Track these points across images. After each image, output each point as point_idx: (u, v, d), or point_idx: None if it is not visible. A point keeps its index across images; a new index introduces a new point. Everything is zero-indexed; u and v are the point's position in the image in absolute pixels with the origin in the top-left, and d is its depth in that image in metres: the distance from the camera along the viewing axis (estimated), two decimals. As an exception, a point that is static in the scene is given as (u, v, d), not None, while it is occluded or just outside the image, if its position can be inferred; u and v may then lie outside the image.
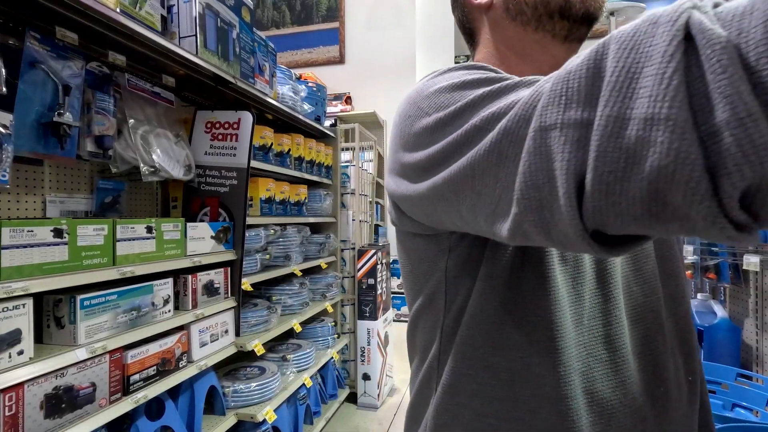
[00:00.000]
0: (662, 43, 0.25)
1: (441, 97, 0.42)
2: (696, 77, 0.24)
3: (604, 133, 0.27)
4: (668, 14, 0.26)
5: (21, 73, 1.18)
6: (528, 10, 0.55)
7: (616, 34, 0.29)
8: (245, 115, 1.88)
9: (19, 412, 1.01)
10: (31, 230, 1.04)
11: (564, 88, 0.29)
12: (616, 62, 0.27)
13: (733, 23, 0.23)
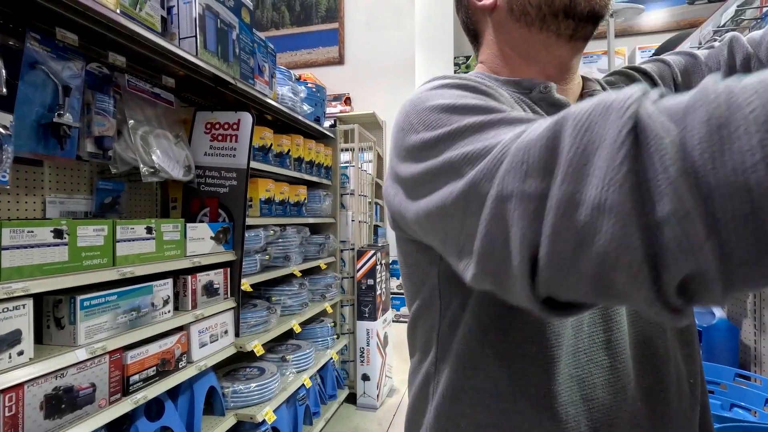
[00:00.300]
0: (614, 129, 0.26)
1: (431, 116, 0.43)
2: (643, 167, 0.25)
3: (557, 212, 0.28)
4: (620, 101, 0.27)
5: (21, 74, 1.18)
6: (532, 11, 0.55)
7: (573, 111, 0.30)
8: (245, 115, 1.89)
9: (19, 412, 1.02)
10: (31, 231, 1.05)
11: (525, 156, 0.31)
12: (572, 140, 0.28)
13: (679, 118, 0.25)
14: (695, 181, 0.23)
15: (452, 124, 0.40)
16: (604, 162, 0.26)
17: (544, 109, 0.55)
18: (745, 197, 0.22)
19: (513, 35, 0.58)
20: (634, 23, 4.24)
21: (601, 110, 0.28)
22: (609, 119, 0.27)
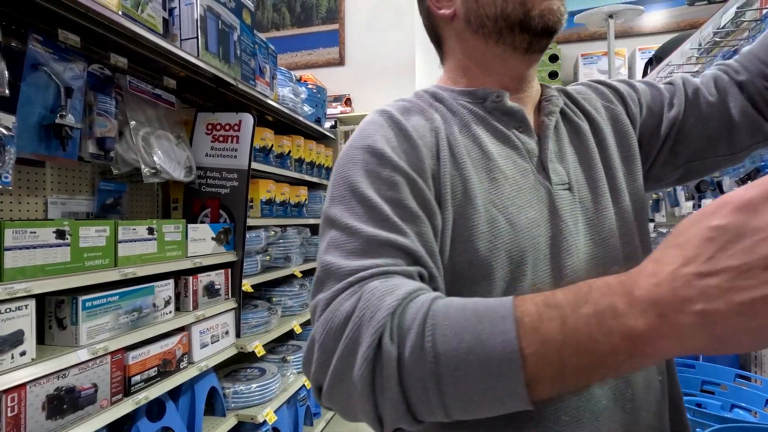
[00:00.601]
0: (367, 340, 0.38)
1: (337, 187, 0.50)
2: (378, 372, 0.37)
3: (332, 377, 0.41)
4: (378, 319, 0.38)
5: (24, 76, 1.19)
6: (489, 23, 0.57)
7: (362, 305, 0.41)
8: (246, 116, 1.89)
9: (22, 412, 1.02)
10: (33, 231, 1.05)
11: (329, 323, 0.41)
12: (348, 332, 0.40)
13: (402, 341, 0.37)
14: (401, 388, 0.37)
15: (340, 218, 0.48)
16: (359, 359, 0.38)
17: (497, 117, 0.58)
18: (434, 400, 0.36)
19: (471, 46, 0.60)
20: (634, 24, 4.25)
21: (369, 318, 0.39)
22: (367, 329, 0.38)
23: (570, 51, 4.45)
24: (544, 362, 0.33)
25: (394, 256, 0.44)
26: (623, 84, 0.67)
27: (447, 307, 0.38)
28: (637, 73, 3.90)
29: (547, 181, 0.55)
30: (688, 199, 1.26)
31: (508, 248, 0.50)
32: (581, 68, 4.20)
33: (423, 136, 0.53)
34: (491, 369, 0.33)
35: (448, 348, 0.35)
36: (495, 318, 0.35)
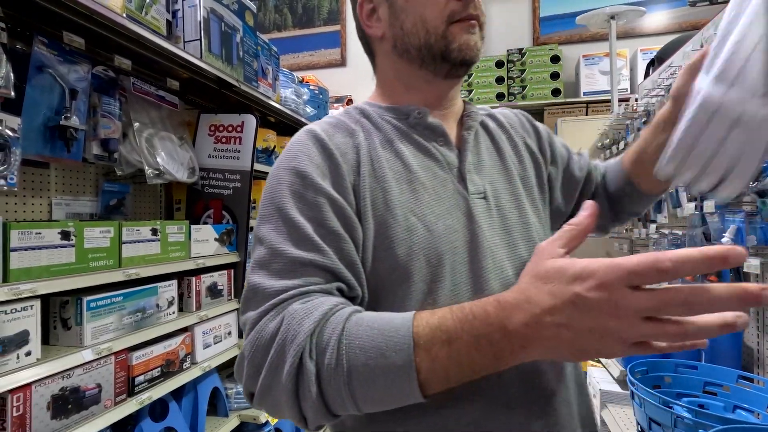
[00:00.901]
0: (290, 359, 0.44)
1: (266, 207, 0.55)
2: (300, 385, 0.45)
3: (261, 387, 0.48)
4: (297, 344, 0.45)
5: (29, 77, 1.20)
6: (413, 51, 0.62)
7: (284, 328, 0.47)
8: (248, 118, 1.90)
9: (27, 412, 1.02)
10: (39, 232, 1.06)
11: (257, 342, 0.48)
12: (274, 349, 0.47)
13: (320, 358, 0.45)
14: (321, 396, 0.44)
15: (266, 236, 0.53)
16: (284, 375, 0.44)
17: (420, 132, 0.63)
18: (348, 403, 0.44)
19: (397, 66, 0.65)
20: (635, 25, 4.25)
21: (291, 339, 0.45)
22: (290, 350, 0.45)
23: (571, 52, 4.45)
24: (434, 373, 0.42)
25: (315, 275, 0.50)
26: (544, 128, 0.77)
27: (358, 326, 0.45)
28: (639, 74, 3.90)
29: (464, 191, 0.60)
30: (691, 200, 1.27)
31: (426, 253, 0.55)
32: (582, 69, 4.20)
33: (345, 153, 0.58)
34: (393, 379, 0.42)
35: (359, 363, 0.43)
36: (397, 338, 0.43)
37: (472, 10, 0.60)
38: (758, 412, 0.95)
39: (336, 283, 0.51)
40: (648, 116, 1.60)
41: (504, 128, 0.72)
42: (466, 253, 0.57)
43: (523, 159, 0.70)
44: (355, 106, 0.67)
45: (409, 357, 0.42)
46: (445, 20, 0.59)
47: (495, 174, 0.65)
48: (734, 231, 1.03)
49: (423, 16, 0.60)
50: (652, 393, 0.92)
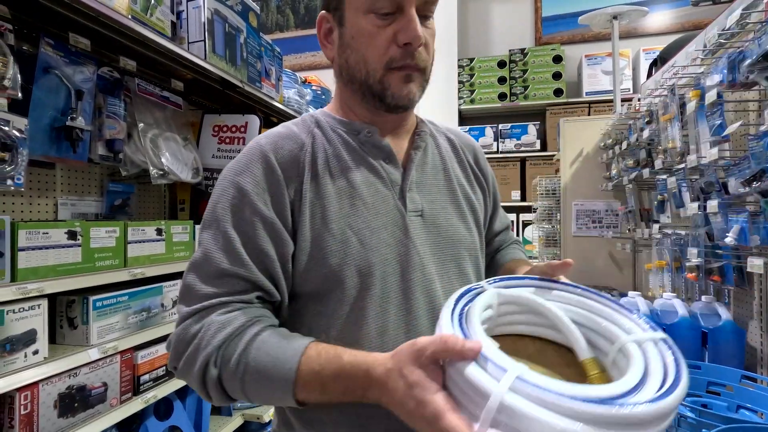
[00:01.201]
0: (201, 362, 0.55)
1: (209, 213, 0.62)
2: (206, 381, 0.57)
3: (182, 367, 0.59)
4: (204, 351, 0.56)
5: (35, 79, 1.21)
6: (356, 84, 0.65)
7: (203, 335, 0.57)
8: (252, 118, 1.90)
9: (34, 410, 1.03)
10: (46, 232, 1.07)
11: (174, 352, 0.59)
12: (191, 346, 0.58)
13: (221, 369, 0.56)
14: (222, 390, 0.57)
15: (204, 242, 0.60)
16: (195, 371, 0.56)
17: (368, 149, 0.66)
18: (242, 398, 0.57)
19: (344, 91, 0.69)
20: (638, 25, 4.24)
21: (204, 346, 0.55)
22: (201, 354, 0.55)
23: (574, 52, 4.44)
24: (308, 397, 0.54)
25: (237, 285, 0.58)
26: (490, 170, 0.83)
27: (258, 350, 0.54)
28: (642, 74, 3.89)
29: (403, 208, 0.65)
30: (694, 200, 1.27)
31: (357, 264, 0.60)
32: (585, 69, 4.20)
33: (289, 169, 0.62)
34: (277, 394, 0.54)
35: (252, 380, 0.54)
36: (284, 369, 0.52)
37: (409, 60, 0.61)
38: (762, 412, 0.96)
39: (256, 292, 0.59)
40: (651, 116, 1.60)
41: (456, 149, 0.76)
42: (397, 265, 0.62)
43: (471, 180, 0.75)
44: (311, 115, 0.70)
45: (290, 384, 0.53)
46: (383, 65, 0.61)
47: (436, 193, 0.69)
48: (737, 231, 1.04)
49: (365, 57, 0.62)
50: (656, 392, 0.92)
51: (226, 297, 0.57)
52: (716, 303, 1.24)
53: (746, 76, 0.96)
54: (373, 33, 0.61)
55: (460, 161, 0.75)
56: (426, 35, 0.63)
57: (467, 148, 0.79)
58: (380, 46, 0.61)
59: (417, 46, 0.61)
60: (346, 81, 0.66)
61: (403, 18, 0.60)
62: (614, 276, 2.44)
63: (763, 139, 0.92)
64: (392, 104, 0.64)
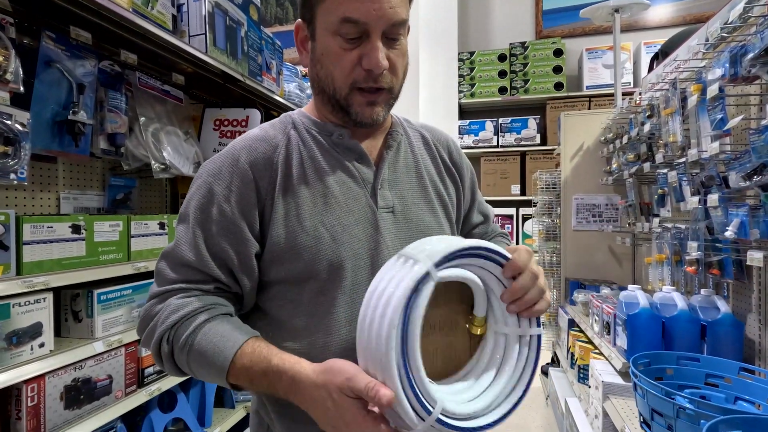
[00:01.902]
0: (155, 337, 0.63)
1: (184, 208, 0.67)
2: (160, 353, 0.65)
3: (152, 342, 0.65)
4: (160, 329, 0.62)
5: (37, 72, 1.20)
6: (325, 97, 0.69)
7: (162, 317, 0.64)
8: (253, 112, 1.90)
9: (41, 402, 1.05)
10: (50, 226, 1.07)
11: (140, 325, 0.67)
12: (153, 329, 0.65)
13: (173, 346, 0.63)
14: (173, 363, 0.64)
15: (179, 234, 0.66)
16: (152, 345, 0.64)
17: (341, 150, 0.70)
18: (189, 372, 0.65)
19: (317, 97, 0.72)
20: (639, 18, 4.22)
21: (160, 323, 0.62)
22: (157, 330, 0.62)
23: (575, 45, 4.43)
24: (240, 384, 0.61)
25: (196, 275, 0.64)
26: (467, 164, 0.85)
27: (204, 336, 0.60)
28: (643, 67, 3.88)
29: (374, 205, 0.68)
30: (694, 194, 1.27)
31: (329, 258, 0.64)
32: (586, 63, 4.19)
33: (260, 170, 0.66)
34: (213, 378, 0.62)
35: (194, 361, 0.61)
36: (221, 358, 0.59)
37: (372, 83, 0.64)
38: (759, 403, 0.97)
39: (214, 283, 0.65)
40: (652, 110, 1.60)
41: (429, 146, 0.79)
42: (368, 259, 0.66)
43: (443, 176, 0.79)
44: (289, 115, 0.74)
45: (222, 377, 0.60)
46: (348, 85, 0.65)
47: (408, 189, 0.73)
48: (737, 225, 1.04)
49: (332, 74, 0.65)
50: (655, 384, 0.93)
51: (186, 284, 0.64)
52: (715, 296, 1.26)
53: (748, 70, 0.97)
54: (340, 54, 0.63)
55: (432, 158, 0.79)
56: (394, 57, 0.65)
57: (441, 144, 0.82)
58: (346, 67, 0.64)
59: (379, 73, 0.64)
60: (317, 91, 0.70)
61: (368, 44, 0.62)
62: (614, 270, 2.46)
63: (764, 133, 0.93)
64: (356, 121, 0.67)
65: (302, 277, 0.65)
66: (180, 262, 0.64)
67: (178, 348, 0.61)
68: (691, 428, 0.85)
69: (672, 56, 1.60)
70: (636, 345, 1.24)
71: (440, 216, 0.75)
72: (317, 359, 0.58)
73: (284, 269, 0.65)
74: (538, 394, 2.91)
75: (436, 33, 4.32)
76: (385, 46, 0.63)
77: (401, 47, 0.66)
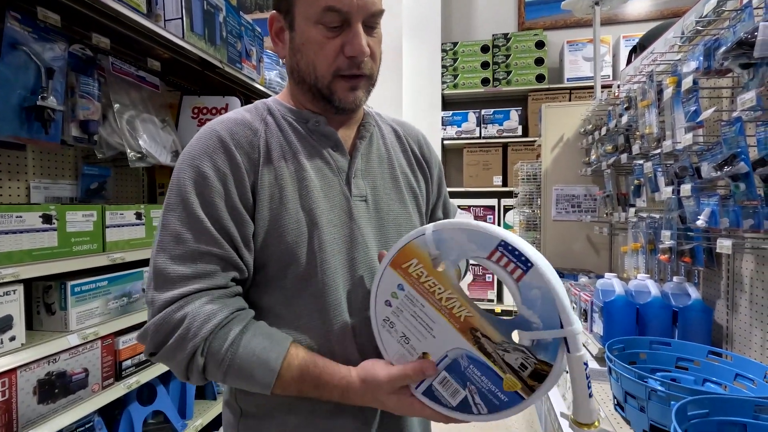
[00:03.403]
0: (187, 351, 0.59)
1: (171, 197, 0.63)
2: (190, 367, 0.61)
3: (162, 354, 0.62)
4: (192, 341, 0.59)
5: (2, 55, 1.15)
6: (306, 86, 0.69)
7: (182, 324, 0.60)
8: (233, 100, 1.86)
9: (13, 397, 1.02)
10: (19, 216, 1.03)
11: (153, 341, 0.61)
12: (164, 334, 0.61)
13: (207, 359, 0.60)
14: (203, 376, 0.62)
15: (165, 219, 0.63)
16: (180, 358, 0.60)
17: (317, 137, 0.71)
18: (221, 382, 0.63)
19: (295, 88, 0.72)
20: (618, 12, 4.28)
21: (192, 336, 0.58)
22: (189, 343, 0.58)
23: (556, 38, 4.47)
24: (283, 393, 0.62)
25: (212, 263, 0.61)
26: (436, 159, 0.87)
27: (245, 348, 0.59)
28: (622, 60, 3.95)
29: (348, 193, 0.70)
30: (668, 184, 1.31)
31: (310, 241, 0.65)
32: (567, 55, 4.23)
33: (247, 152, 0.66)
34: (255, 389, 0.61)
35: (234, 374, 0.60)
36: (266, 372, 0.60)
37: (355, 69, 0.66)
38: (725, 384, 1.01)
39: (230, 272, 0.63)
40: (629, 102, 1.63)
41: (400, 139, 0.82)
42: (343, 245, 0.68)
43: (414, 169, 0.81)
44: (264, 102, 0.73)
45: (267, 389, 0.61)
46: (331, 73, 0.66)
47: (380, 180, 0.74)
48: (708, 214, 1.08)
49: (314, 63, 0.66)
50: (629, 368, 0.96)
51: (204, 282, 0.60)
52: (686, 283, 1.30)
53: (721, 63, 0.99)
54: (322, 43, 0.65)
55: (404, 150, 0.81)
56: (372, 44, 0.67)
57: (412, 138, 0.84)
58: (328, 56, 0.65)
59: (362, 60, 0.65)
60: (297, 80, 0.70)
61: (350, 31, 0.64)
62: (592, 259, 2.52)
63: (735, 125, 0.96)
64: (339, 107, 0.69)
65: (285, 262, 0.65)
66: (187, 253, 0.61)
67: (215, 362, 0.59)
68: (662, 409, 0.88)
69: (649, 49, 1.63)
70: (611, 331, 1.27)
71: (410, 207, 0.78)
72: (311, 346, 0.64)
73: (269, 253, 0.65)
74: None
75: (420, 23, 4.29)
76: (365, 34, 0.65)
77: (378, 35, 0.69)
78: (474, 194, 4.55)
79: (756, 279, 1.13)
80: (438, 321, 0.56)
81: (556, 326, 0.51)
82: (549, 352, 0.51)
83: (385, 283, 0.58)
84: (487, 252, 0.53)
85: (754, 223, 0.94)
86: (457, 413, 0.56)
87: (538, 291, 0.51)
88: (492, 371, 0.53)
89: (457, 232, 0.55)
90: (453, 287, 0.56)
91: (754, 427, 0.76)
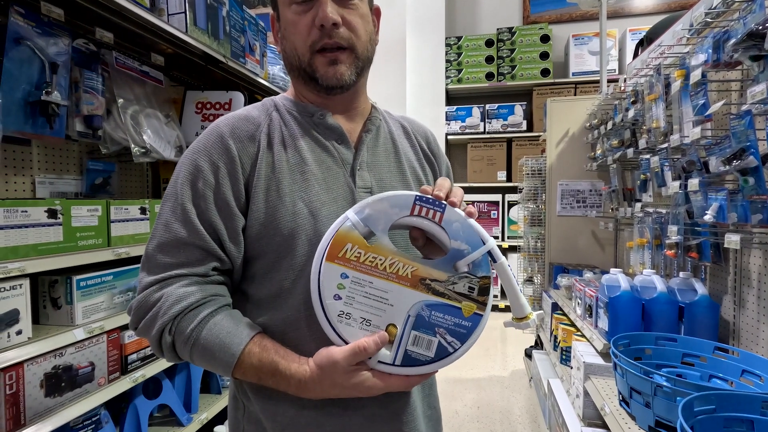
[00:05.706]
0: (156, 328, 0.62)
1: (171, 187, 0.67)
2: (161, 344, 0.63)
3: (143, 328, 0.64)
4: (161, 320, 0.61)
5: (6, 50, 1.15)
6: (294, 72, 0.71)
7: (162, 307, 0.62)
8: (236, 95, 1.86)
9: (20, 390, 1.02)
10: (25, 210, 1.04)
11: (134, 316, 0.64)
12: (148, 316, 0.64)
13: (175, 338, 0.63)
14: (174, 353, 0.64)
15: (163, 211, 0.66)
16: (152, 335, 0.63)
17: (321, 131, 0.72)
18: (189, 360, 0.65)
19: (293, 77, 0.74)
20: (625, 5, 4.23)
21: (162, 314, 0.61)
22: (159, 322, 0.61)
23: (561, 31, 4.43)
24: (244, 379, 0.64)
25: (194, 255, 0.64)
26: (443, 155, 0.87)
27: (209, 331, 0.61)
28: (628, 54, 3.91)
29: (353, 184, 0.70)
30: (675, 179, 1.30)
31: (308, 233, 0.66)
32: (572, 49, 4.19)
33: (246, 147, 0.68)
34: (218, 371, 0.64)
35: (199, 354, 0.62)
36: (227, 355, 0.61)
37: (327, 39, 0.66)
38: (732, 381, 1.01)
39: (211, 262, 0.65)
40: (636, 96, 1.61)
41: (408, 134, 0.83)
42: None
43: (422, 163, 0.81)
44: (272, 99, 0.76)
45: (228, 372, 0.63)
46: (308, 49, 0.67)
47: (387, 172, 0.75)
48: (716, 208, 1.07)
49: (294, 44, 0.68)
50: (634, 364, 0.96)
51: (185, 269, 0.63)
52: (693, 279, 1.29)
53: (730, 56, 0.97)
54: (296, 21, 0.67)
55: (412, 145, 0.81)
56: (348, 15, 0.67)
57: (419, 134, 0.84)
58: (302, 31, 0.67)
59: (329, 27, 0.65)
60: (290, 69, 0.72)
61: (318, 3, 0.66)
62: (597, 254, 2.51)
63: (744, 118, 0.94)
64: (324, 85, 0.69)
65: (282, 252, 0.66)
66: (173, 242, 0.64)
67: (182, 341, 0.61)
68: (668, 405, 0.87)
69: (657, 42, 1.61)
70: (617, 326, 1.27)
71: None
72: (301, 338, 0.64)
73: (264, 244, 0.66)
74: (521, 376, 2.98)
75: (424, 17, 4.26)
76: (339, 6, 0.66)
77: (357, 9, 0.69)
78: (478, 189, 4.54)
79: (764, 274, 1.12)
80: (390, 289, 0.59)
81: (479, 245, 0.60)
82: (482, 267, 0.60)
83: (326, 279, 0.59)
84: (408, 209, 0.61)
85: (763, 218, 0.93)
86: (436, 364, 0.59)
87: (458, 223, 0.61)
88: (451, 306, 0.59)
89: (378, 203, 0.61)
90: (391, 252, 0.60)
91: (762, 423, 0.76)
